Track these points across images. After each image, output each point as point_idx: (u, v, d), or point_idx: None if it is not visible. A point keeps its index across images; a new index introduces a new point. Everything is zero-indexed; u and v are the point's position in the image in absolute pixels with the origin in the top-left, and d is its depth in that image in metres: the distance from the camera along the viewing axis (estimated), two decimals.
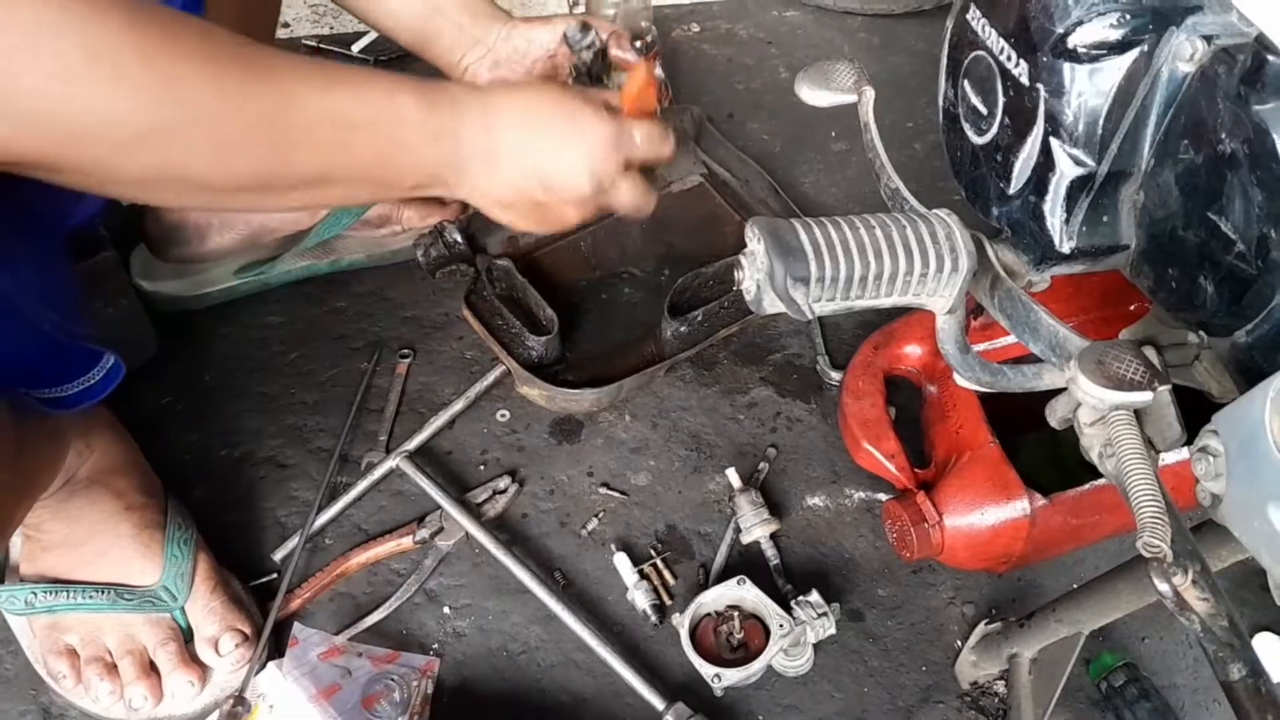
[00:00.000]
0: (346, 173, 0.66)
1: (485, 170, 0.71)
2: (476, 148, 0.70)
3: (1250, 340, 0.56)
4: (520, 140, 0.71)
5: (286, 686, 0.78)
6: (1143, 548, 0.49)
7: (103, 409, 0.86)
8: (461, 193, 0.73)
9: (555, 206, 0.74)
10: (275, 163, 0.61)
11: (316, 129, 0.62)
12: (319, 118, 0.62)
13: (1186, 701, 0.87)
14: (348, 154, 0.65)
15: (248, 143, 0.59)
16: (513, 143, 0.71)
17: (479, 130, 0.70)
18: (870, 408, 0.93)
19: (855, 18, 1.50)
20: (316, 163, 0.63)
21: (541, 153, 0.72)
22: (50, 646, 0.80)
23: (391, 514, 0.94)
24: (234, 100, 0.57)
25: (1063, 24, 0.59)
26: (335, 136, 0.63)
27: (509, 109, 0.72)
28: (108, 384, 0.74)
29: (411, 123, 0.67)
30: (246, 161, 0.60)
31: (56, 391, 0.72)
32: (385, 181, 0.69)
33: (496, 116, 0.71)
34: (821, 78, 0.75)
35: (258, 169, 0.61)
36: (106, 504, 0.82)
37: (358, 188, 0.69)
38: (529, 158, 0.71)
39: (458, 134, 0.69)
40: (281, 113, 0.60)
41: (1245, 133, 0.52)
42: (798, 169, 1.28)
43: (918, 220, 0.59)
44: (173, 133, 0.55)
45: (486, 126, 0.70)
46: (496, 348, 1.00)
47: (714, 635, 0.85)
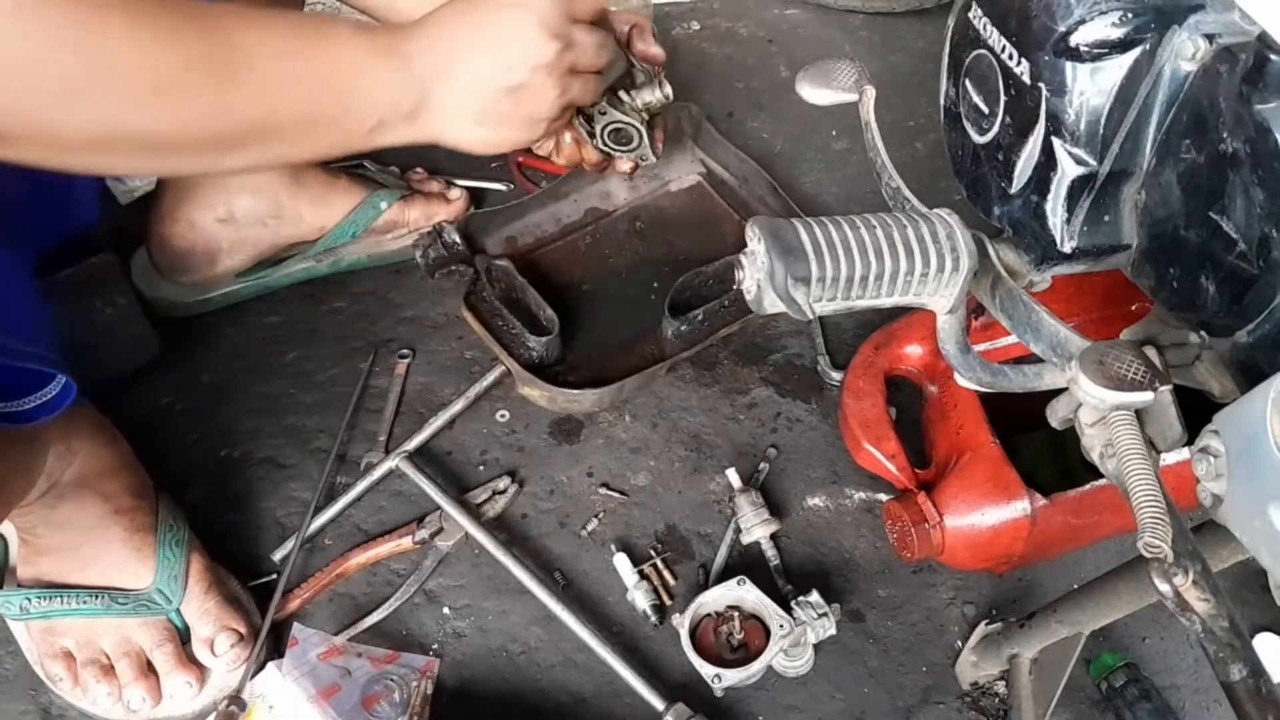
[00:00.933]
0: (292, 110, 0.63)
1: (445, 84, 0.68)
2: (427, 65, 0.67)
3: (1251, 340, 0.56)
4: (467, 39, 0.69)
5: (286, 687, 0.78)
6: (1143, 548, 0.49)
7: (87, 410, 0.85)
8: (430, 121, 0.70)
9: (529, 92, 0.71)
10: (217, 106, 0.59)
11: (250, 62, 0.59)
12: (251, 50, 0.60)
13: (1187, 702, 0.87)
14: (289, 87, 0.62)
15: (185, 85, 0.57)
16: (461, 44, 0.69)
17: (422, 50, 0.67)
18: (871, 408, 0.92)
19: (856, 16, 1.50)
20: (261, 101, 0.61)
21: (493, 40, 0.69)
22: (47, 650, 0.80)
23: (391, 514, 0.94)
24: (164, 41, 0.55)
25: (1065, 22, 0.59)
26: (276, 68, 0.61)
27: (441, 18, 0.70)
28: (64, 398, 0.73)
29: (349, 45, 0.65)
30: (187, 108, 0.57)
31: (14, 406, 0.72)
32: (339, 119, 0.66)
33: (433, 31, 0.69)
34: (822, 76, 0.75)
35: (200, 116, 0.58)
36: (95, 508, 0.82)
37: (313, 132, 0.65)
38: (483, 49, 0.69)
39: (404, 54, 0.67)
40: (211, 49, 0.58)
41: (1247, 132, 0.52)
42: (798, 168, 1.27)
43: (919, 220, 0.59)
44: (105, 81, 0.54)
45: (428, 42, 0.68)
46: (497, 348, 0.99)
47: (714, 635, 0.85)
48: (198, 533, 0.91)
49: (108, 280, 0.96)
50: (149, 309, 1.02)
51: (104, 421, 0.87)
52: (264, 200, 1.01)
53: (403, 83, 0.67)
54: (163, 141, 0.58)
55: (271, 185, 1.01)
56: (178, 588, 0.82)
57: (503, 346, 0.99)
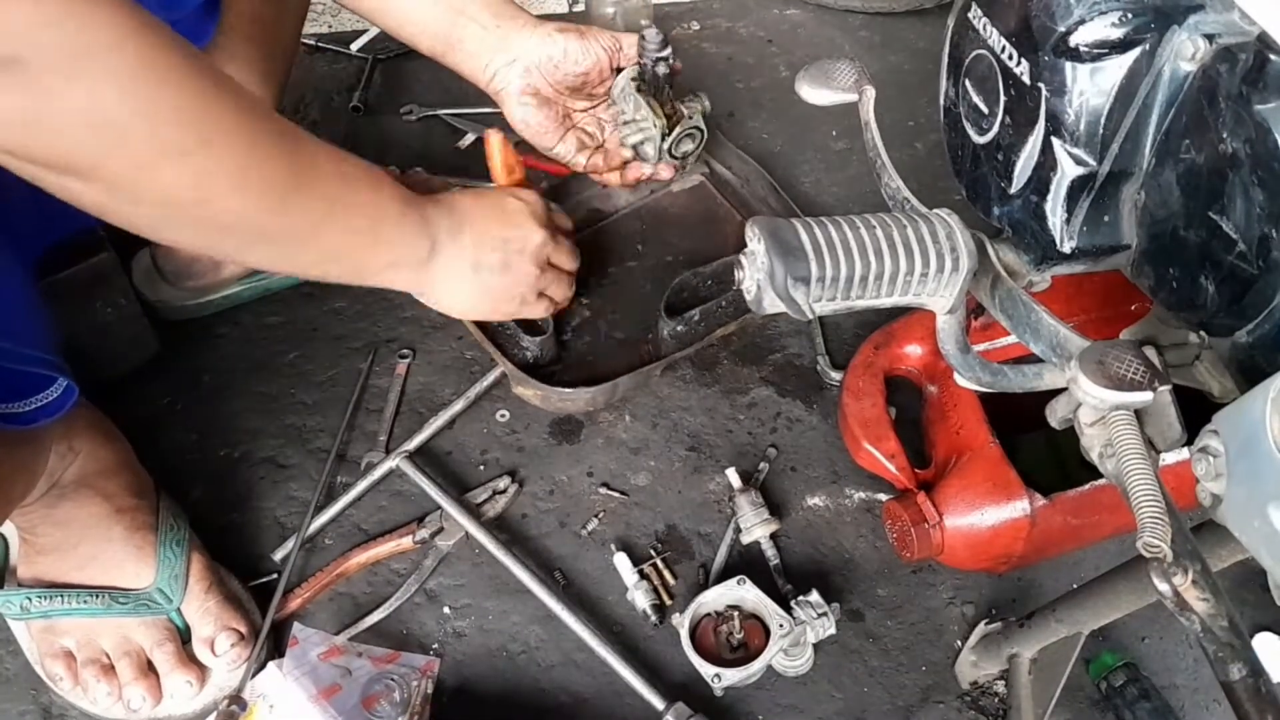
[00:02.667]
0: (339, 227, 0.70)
1: (454, 244, 0.79)
2: (442, 223, 0.78)
3: (1251, 340, 0.56)
4: (477, 212, 0.82)
5: (286, 686, 0.78)
6: (1143, 548, 0.49)
7: (88, 409, 0.86)
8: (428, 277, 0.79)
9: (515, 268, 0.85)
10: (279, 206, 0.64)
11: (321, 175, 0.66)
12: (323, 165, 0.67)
13: (1186, 702, 0.87)
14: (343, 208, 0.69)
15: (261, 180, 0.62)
16: (472, 215, 0.82)
17: (440, 212, 0.79)
18: (870, 408, 0.92)
19: (856, 16, 1.50)
20: (314, 215, 0.67)
21: (497, 218, 0.84)
22: (47, 649, 0.80)
23: (391, 514, 0.94)
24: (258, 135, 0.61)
25: (1064, 23, 0.59)
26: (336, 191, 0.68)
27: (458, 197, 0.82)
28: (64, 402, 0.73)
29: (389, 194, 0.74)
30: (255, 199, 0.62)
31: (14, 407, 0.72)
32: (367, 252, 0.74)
33: (451, 201, 0.81)
34: (822, 76, 0.75)
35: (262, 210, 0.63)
36: (95, 507, 0.82)
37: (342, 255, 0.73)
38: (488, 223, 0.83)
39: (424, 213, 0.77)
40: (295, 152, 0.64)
41: (1247, 132, 0.52)
42: (798, 168, 1.27)
43: (918, 220, 0.59)
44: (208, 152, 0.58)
45: (445, 208, 0.79)
46: (491, 348, 0.99)
47: (714, 635, 0.85)
48: (198, 532, 0.91)
49: (108, 280, 0.96)
50: (149, 310, 1.02)
51: (104, 420, 0.88)
52: None
53: (422, 234, 0.77)
54: (220, 221, 0.62)
55: None
56: (178, 587, 0.82)
57: (498, 346, 0.99)
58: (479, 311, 0.86)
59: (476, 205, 0.83)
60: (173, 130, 0.56)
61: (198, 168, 0.58)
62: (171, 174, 0.57)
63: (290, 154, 0.64)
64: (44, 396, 0.73)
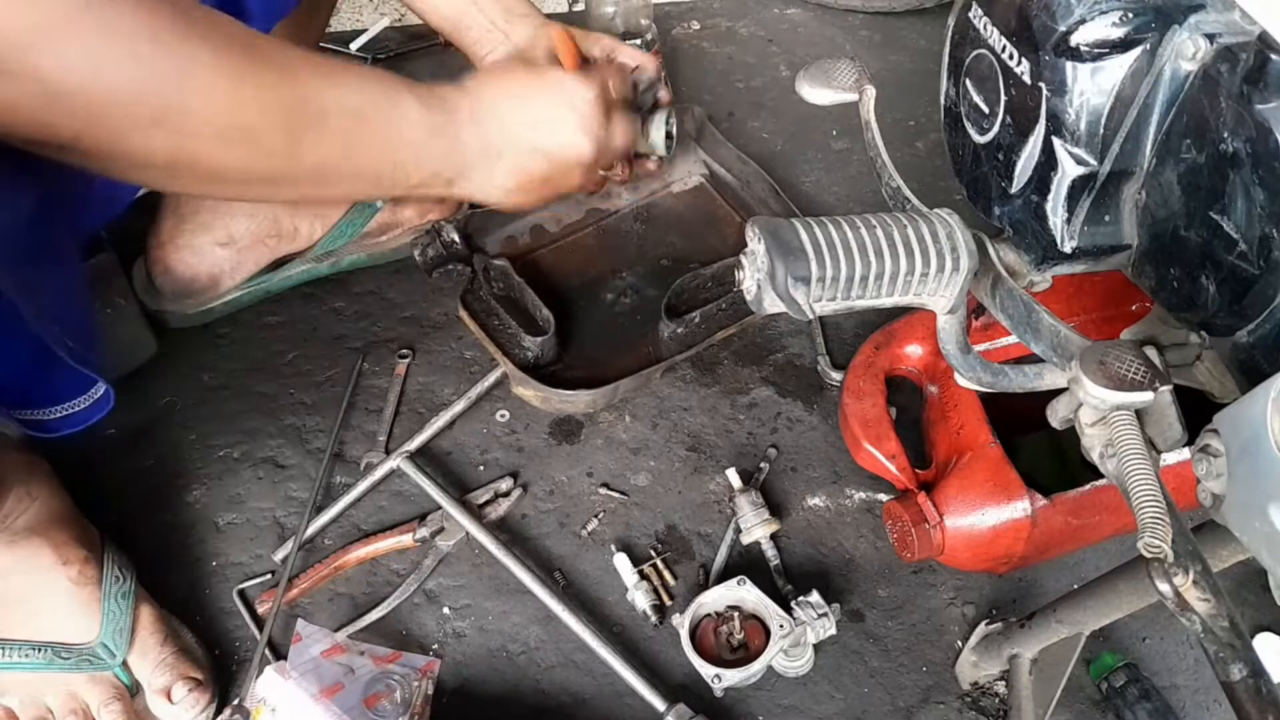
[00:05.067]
0: (351, 164, 0.67)
1: (487, 165, 0.74)
2: (474, 145, 0.73)
3: (1252, 340, 0.56)
4: (516, 127, 0.75)
5: (288, 687, 0.78)
6: (1144, 548, 0.49)
7: (39, 459, 0.84)
8: (464, 191, 0.75)
9: (561, 175, 0.78)
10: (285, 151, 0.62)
11: (325, 118, 0.63)
12: (328, 106, 0.63)
13: (1187, 702, 0.87)
14: (354, 145, 0.66)
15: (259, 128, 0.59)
16: (509, 131, 0.75)
17: (473, 127, 0.73)
18: (871, 408, 0.92)
19: (856, 15, 1.50)
20: (324, 153, 0.64)
21: (539, 131, 0.76)
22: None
23: (391, 514, 0.94)
24: (246, 84, 0.58)
25: (1065, 22, 0.59)
26: (342, 126, 0.64)
27: (496, 99, 0.75)
28: (92, 414, 0.73)
29: (412, 119, 0.69)
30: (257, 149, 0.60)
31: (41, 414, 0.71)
32: (388, 177, 0.70)
33: (487, 109, 0.74)
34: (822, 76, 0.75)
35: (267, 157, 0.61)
36: (45, 557, 0.79)
37: (361, 182, 0.70)
38: (528, 139, 0.76)
39: (455, 133, 0.72)
40: (292, 100, 0.61)
41: (1248, 132, 0.52)
42: (799, 168, 1.27)
43: (919, 219, 0.59)
44: (185, 115, 0.56)
45: (479, 121, 0.73)
46: (492, 348, 0.99)
47: (714, 636, 0.85)
48: (197, 533, 0.91)
49: (107, 281, 0.96)
50: (151, 320, 1.02)
51: (53, 472, 0.85)
52: (262, 221, 1.01)
53: (449, 157, 0.73)
54: (227, 175, 0.61)
55: (268, 206, 1.01)
56: (123, 641, 0.79)
57: (498, 346, 0.99)
58: (520, 207, 0.83)
59: (514, 118, 0.76)
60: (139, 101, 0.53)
61: (176, 134, 0.56)
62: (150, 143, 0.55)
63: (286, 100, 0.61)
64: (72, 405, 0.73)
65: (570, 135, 0.78)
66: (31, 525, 0.80)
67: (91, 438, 0.91)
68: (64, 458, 0.87)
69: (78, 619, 0.79)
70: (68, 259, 0.74)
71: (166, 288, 1.02)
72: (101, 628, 0.79)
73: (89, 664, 0.78)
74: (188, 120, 0.56)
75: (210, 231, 1.00)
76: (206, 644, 0.85)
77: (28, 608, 0.78)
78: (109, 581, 0.81)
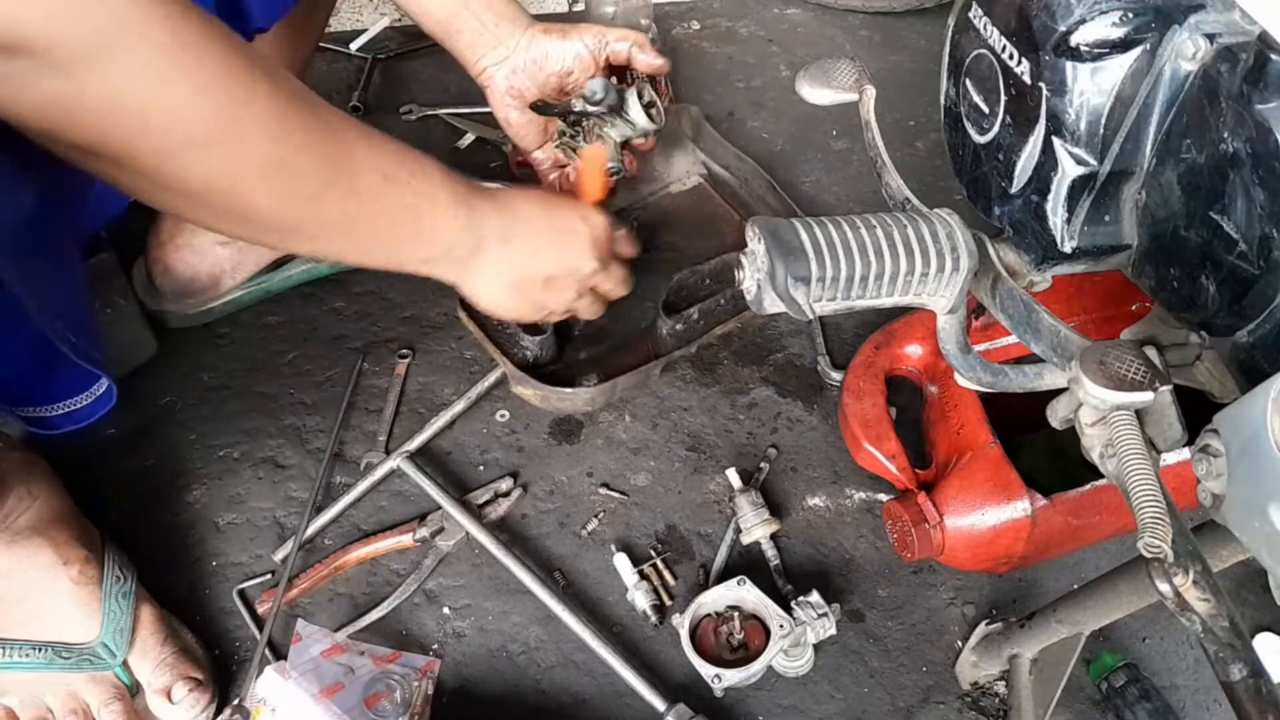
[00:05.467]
0: (373, 225, 0.68)
1: (499, 249, 0.76)
2: (492, 223, 0.75)
3: (1252, 340, 0.56)
4: (533, 225, 0.79)
5: (288, 687, 0.78)
6: (1144, 548, 0.49)
7: (40, 459, 0.84)
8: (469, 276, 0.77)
9: (561, 279, 0.82)
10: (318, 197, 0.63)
11: (359, 172, 0.65)
12: (363, 160, 0.65)
13: (1187, 702, 0.87)
14: (381, 206, 0.67)
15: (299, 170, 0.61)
16: (527, 226, 0.78)
17: (492, 214, 0.75)
18: (871, 408, 0.92)
19: (856, 15, 1.50)
20: (352, 206, 0.65)
21: (553, 236, 0.81)
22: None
23: (391, 515, 0.94)
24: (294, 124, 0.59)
25: (1065, 22, 0.59)
26: (374, 185, 0.66)
27: (519, 199, 0.79)
28: (94, 411, 0.73)
29: (440, 187, 0.71)
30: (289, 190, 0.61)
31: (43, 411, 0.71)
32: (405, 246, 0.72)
33: (509, 203, 0.77)
34: (822, 76, 0.75)
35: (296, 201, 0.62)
36: (45, 557, 0.79)
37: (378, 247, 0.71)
38: (541, 238, 0.80)
39: (477, 208, 0.74)
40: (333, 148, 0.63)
41: (1248, 132, 0.52)
42: (799, 168, 1.27)
43: (919, 219, 0.59)
44: (237, 142, 0.57)
45: (500, 211, 0.76)
46: (492, 348, 0.99)
47: (714, 636, 0.85)
48: (197, 533, 0.91)
49: (107, 281, 0.96)
50: (152, 320, 1.02)
51: (54, 472, 0.85)
52: None
53: (466, 233, 0.74)
54: (257, 211, 0.61)
55: None
56: (123, 641, 0.79)
57: (497, 346, 0.99)
58: (506, 312, 0.85)
59: (535, 214, 0.80)
60: (196, 120, 0.54)
61: (224, 159, 0.57)
62: (196, 164, 0.56)
63: (327, 147, 0.62)
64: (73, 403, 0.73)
65: (580, 246, 0.83)
66: (32, 525, 0.79)
67: (91, 438, 0.91)
68: (64, 457, 0.87)
69: (78, 619, 0.79)
70: (69, 256, 0.74)
71: (167, 287, 1.02)
72: (102, 628, 0.79)
73: (89, 664, 0.78)
74: (238, 146, 0.57)
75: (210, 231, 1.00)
76: (206, 644, 0.85)
77: (28, 607, 0.78)
78: (109, 581, 0.81)
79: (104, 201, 0.79)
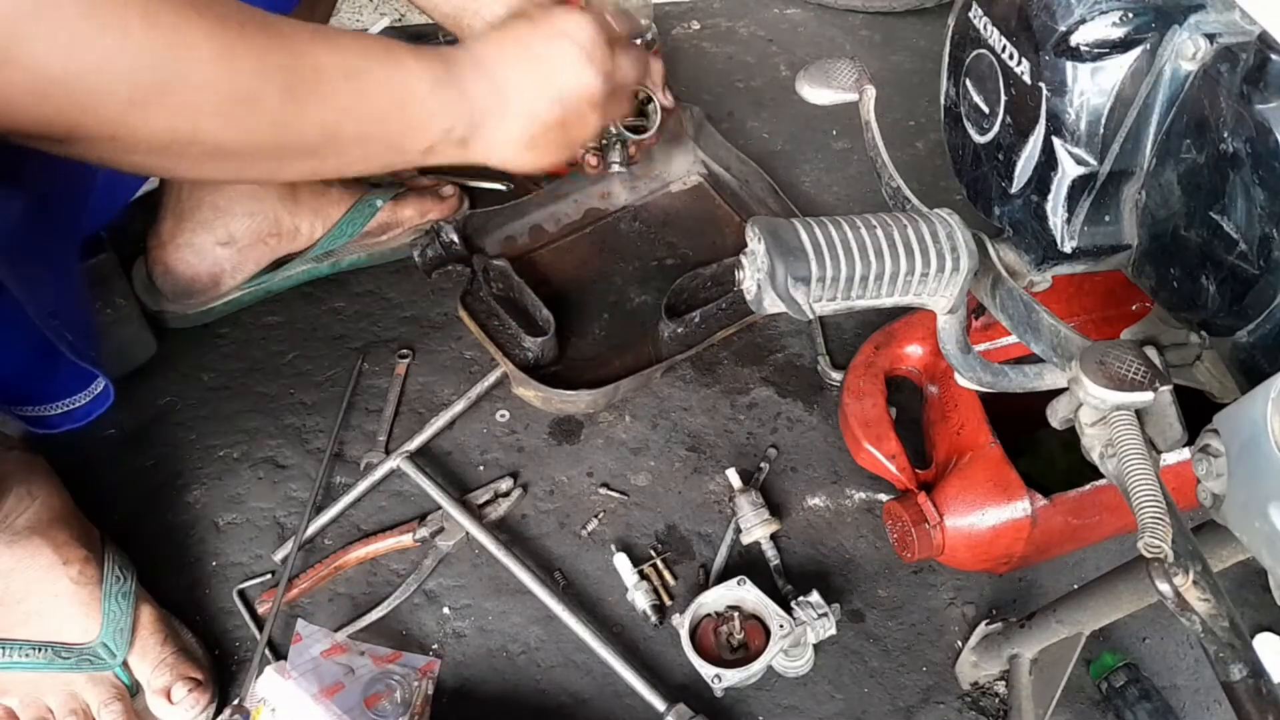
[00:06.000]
0: (357, 128, 0.65)
1: (499, 114, 0.71)
2: (480, 94, 0.70)
3: (1252, 340, 0.56)
4: (520, 71, 0.73)
5: (288, 687, 0.78)
6: (1144, 548, 0.49)
7: (40, 459, 0.84)
8: (479, 148, 0.72)
9: (575, 118, 0.76)
10: (287, 118, 0.60)
11: (324, 80, 0.61)
12: (326, 68, 0.61)
13: (1187, 702, 0.87)
14: (357, 106, 0.64)
15: (258, 97, 0.58)
16: (514, 76, 0.72)
17: (478, 80, 0.70)
18: (871, 408, 0.92)
19: (856, 15, 1.50)
20: (327, 117, 0.62)
21: (543, 70, 0.74)
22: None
23: (391, 515, 0.94)
24: (241, 54, 0.56)
25: (1065, 22, 0.59)
26: (344, 88, 0.63)
27: (496, 49, 0.73)
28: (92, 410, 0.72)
29: (413, 72, 0.67)
30: (258, 119, 0.58)
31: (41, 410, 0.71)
32: (398, 140, 0.68)
33: (489, 60, 0.72)
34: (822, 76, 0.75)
35: (269, 127, 0.60)
36: (45, 557, 0.79)
37: (370, 149, 0.67)
38: (535, 83, 0.73)
39: (459, 84, 0.69)
40: (290, 64, 0.59)
41: (1248, 132, 0.52)
42: (799, 168, 1.27)
43: (919, 220, 0.59)
44: (182, 89, 0.54)
45: (482, 70, 0.71)
46: (492, 349, 0.99)
47: (714, 636, 0.85)
48: (197, 533, 0.91)
49: (107, 281, 0.96)
50: (152, 320, 1.02)
51: (53, 471, 0.85)
52: (262, 220, 1.01)
53: (458, 111, 0.69)
54: (230, 149, 0.59)
55: (268, 204, 1.01)
56: (123, 641, 0.79)
57: (498, 347, 0.99)
58: (543, 165, 0.78)
59: (518, 63, 0.73)
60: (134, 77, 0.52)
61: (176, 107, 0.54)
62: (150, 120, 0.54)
63: (285, 64, 0.59)
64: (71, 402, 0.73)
65: (576, 70, 0.75)
66: (32, 525, 0.79)
67: (91, 438, 0.91)
68: (64, 457, 0.87)
69: (78, 619, 0.79)
70: (66, 256, 0.74)
71: (167, 288, 1.02)
72: (102, 628, 0.79)
73: (89, 664, 0.78)
74: (185, 94, 0.54)
75: (211, 231, 1.00)
76: (206, 644, 0.85)
77: (28, 607, 0.78)
78: (109, 581, 0.81)
79: (103, 202, 0.79)
